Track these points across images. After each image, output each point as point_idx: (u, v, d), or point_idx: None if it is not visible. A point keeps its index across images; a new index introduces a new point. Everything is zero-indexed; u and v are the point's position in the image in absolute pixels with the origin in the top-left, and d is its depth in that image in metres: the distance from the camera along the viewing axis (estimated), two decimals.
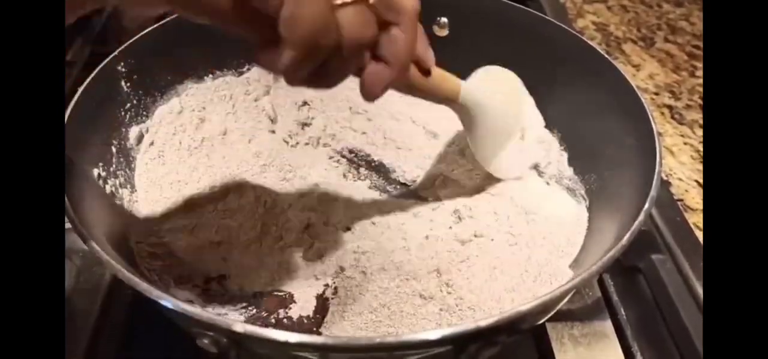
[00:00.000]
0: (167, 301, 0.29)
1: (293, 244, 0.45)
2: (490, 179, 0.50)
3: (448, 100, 0.44)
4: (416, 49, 0.35)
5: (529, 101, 0.53)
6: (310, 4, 0.27)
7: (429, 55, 0.38)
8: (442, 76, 0.42)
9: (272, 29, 0.27)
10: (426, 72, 0.39)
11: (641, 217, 0.34)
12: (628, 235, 0.33)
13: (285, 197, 0.49)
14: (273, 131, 0.55)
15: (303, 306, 0.41)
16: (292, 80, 0.30)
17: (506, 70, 0.50)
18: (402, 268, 0.42)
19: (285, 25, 0.27)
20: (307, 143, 0.55)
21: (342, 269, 0.43)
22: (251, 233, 0.46)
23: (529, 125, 0.52)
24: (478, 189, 0.50)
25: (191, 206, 0.47)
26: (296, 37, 0.27)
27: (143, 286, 0.30)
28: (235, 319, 0.39)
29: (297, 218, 0.47)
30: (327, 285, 0.43)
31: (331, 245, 0.46)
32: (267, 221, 0.47)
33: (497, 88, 0.49)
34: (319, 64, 0.29)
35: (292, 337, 0.28)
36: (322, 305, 0.41)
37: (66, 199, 0.34)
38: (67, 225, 0.34)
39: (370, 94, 0.33)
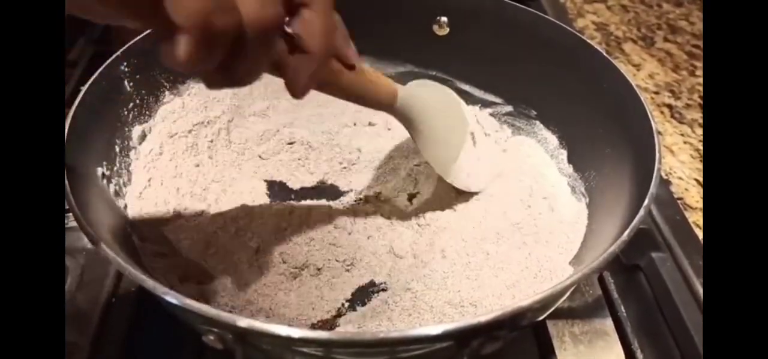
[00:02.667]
0: (173, 298, 0.29)
1: (299, 243, 0.46)
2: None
3: (385, 104, 0.42)
4: (335, 42, 0.33)
5: (467, 109, 0.52)
6: None
7: (350, 50, 0.35)
8: (376, 78, 0.40)
9: (167, 17, 0.24)
10: (351, 68, 0.36)
11: (641, 213, 0.34)
12: (627, 231, 0.33)
13: (288, 196, 0.50)
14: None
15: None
16: (204, 79, 0.27)
17: (437, 83, 0.50)
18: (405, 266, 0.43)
19: (171, 6, 0.24)
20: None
21: (350, 265, 0.44)
22: (253, 231, 0.46)
23: (477, 129, 0.51)
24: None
25: (195, 204, 0.47)
26: (186, 18, 0.24)
27: (150, 283, 0.30)
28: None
29: (305, 216, 0.47)
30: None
31: (334, 242, 0.46)
32: (270, 219, 0.47)
33: (434, 96, 0.48)
34: (226, 55, 0.26)
35: (296, 332, 0.28)
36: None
37: (71, 198, 0.35)
38: (72, 224, 0.34)
39: (295, 89, 0.30)
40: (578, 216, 0.47)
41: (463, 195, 0.50)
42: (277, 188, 0.52)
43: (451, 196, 0.50)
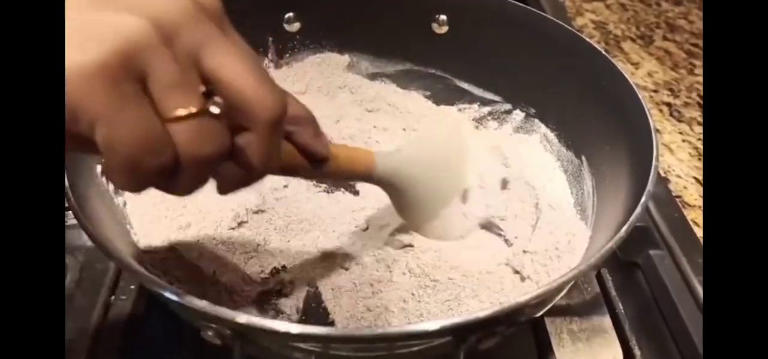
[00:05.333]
0: (172, 293, 0.29)
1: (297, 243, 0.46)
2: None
3: (362, 178, 0.41)
4: (306, 143, 0.32)
5: (479, 158, 0.49)
6: (129, 123, 0.22)
7: (318, 147, 0.34)
8: (348, 158, 0.38)
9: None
10: (321, 161, 0.35)
11: (638, 210, 0.35)
12: (625, 228, 0.34)
13: (287, 194, 0.50)
14: None
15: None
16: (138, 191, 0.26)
17: (453, 123, 0.48)
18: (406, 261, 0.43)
19: (103, 150, 0.23)
20: None
21: (344, 265, 0.44)
22: (252, 231, 0.46)
23: (474, 186, 0.48)
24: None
25: (193, 203, 0.47)
26: (115, 162, 0.23)
27: (149, 279, 0.30)
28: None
29: (303, 216, 0.48)
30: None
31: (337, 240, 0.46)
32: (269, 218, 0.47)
33: (430, 152, 0.46)
34: (163, 179, 0.25)
35: (295, 328, 0.28)
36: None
37: (71, 196, 0.35)
38: (72, 221, 0.34)
39: (222, 191, 0.29)
40: (577, 214, 0.47)
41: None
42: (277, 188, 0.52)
43: None
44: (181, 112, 0.24)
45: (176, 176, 0.25)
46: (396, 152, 0.43)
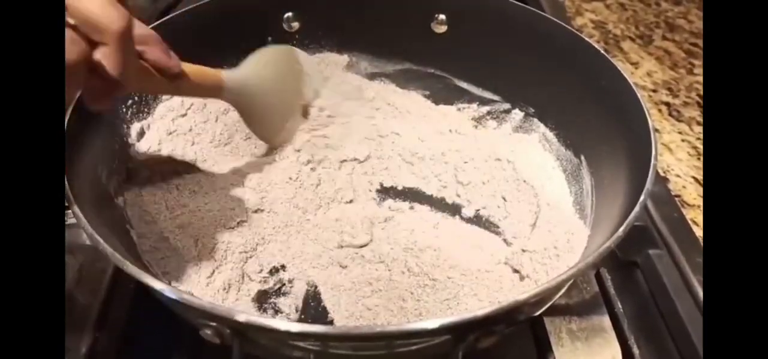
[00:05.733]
0: (171, 292, 0.29)
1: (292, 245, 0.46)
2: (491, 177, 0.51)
3: (213, 94, 0.45)
4: (157, 59, 0.37)
5: (315, 77, 0.55)
6: None
7: (171, 62, 0.39)
8: (199, 74, 0.43)
9: None
10: (174, 76, 0.39)
11: (637, 209, 0.35)
12: (623, 227, 0.34)
13: (287, 193, 0.50)
14: None
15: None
16: None
17: (281, 47, 0.53)
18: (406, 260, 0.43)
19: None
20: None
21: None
22: (251, 230, 0.46)
23: (313, 100, 0.54)
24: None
25: (194, 202, 0.48)
26: None
27: (148, 278, 0.30)
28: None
29: (303, 216, 0.48)
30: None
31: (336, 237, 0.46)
32: (268, 218, 0.47)
33: (270, 70, 0.50)
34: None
35: (294, 326, 0.28)
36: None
37: (71, 195, 0.35)
38: (71, 221, 0.34)
39: (89, 106, 0.35)
40: (576, 213, 0.47)
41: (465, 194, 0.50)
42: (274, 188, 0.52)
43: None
44: None
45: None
46: (241, 70, 0.48)
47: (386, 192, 0.53)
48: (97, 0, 0.31)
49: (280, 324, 0.28)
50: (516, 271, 0.44)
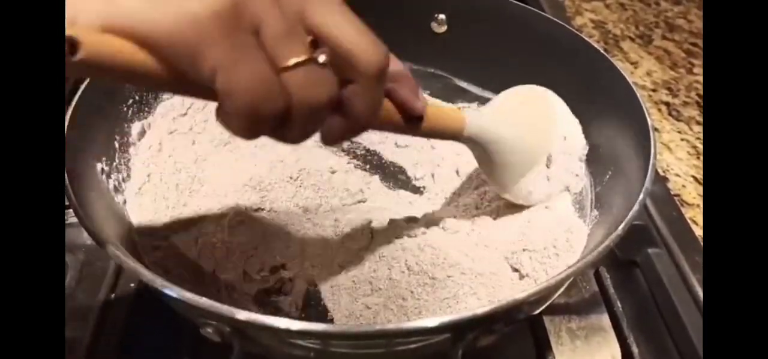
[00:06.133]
0: (172, 290, 0.29)
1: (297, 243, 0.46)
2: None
3: (451, 137, 0.42)
4: (405, 99, 0.34)
5: (564, 125, 0.49)
6: (247, 71, 0.24)
7: (416, 104, 0.35)
8: (439, 115, 0.40)
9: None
10: (417, 119, 0.36)
11: (636, 208, 0.35)
12: (622, 225, 0.34)
13: (287, 193, 0.50)
14: None
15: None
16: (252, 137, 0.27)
17: (540, 89, 0.48)
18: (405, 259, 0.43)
19: (222, 97, 0.25)
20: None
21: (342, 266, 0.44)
22: (252, 229, 0.46)
23: (557, 151, 0.48)
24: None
25: (194, 201, 0.48)
26: (234, 108, 0.25)
27: (149, 276, 0.30)
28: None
29: (303, 215, 0.48)
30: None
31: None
32: (268, 218, 0.47)
33: (518, 114, 0.46)
34: (277, 125, 0.27)
35: (294, 324, 0.28)
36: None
37: (71, 193, 0.35)
38: (72, 220, 0.35)
39: (326, 142, 0.31)
40: (575, 213, 0.47)
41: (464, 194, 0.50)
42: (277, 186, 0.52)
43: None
44: (293, 60, 0.25)
45: (288, 123, 0.27)
46: (485, 112, 0.44)
47: (386, 192, 0.53)
48: (355, 32, 0.27)
49: (281, 322, 0.28)
50: (515, 270, 0.44)
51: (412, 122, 0.36)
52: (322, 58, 0.26)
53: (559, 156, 0.48)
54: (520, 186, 0.46)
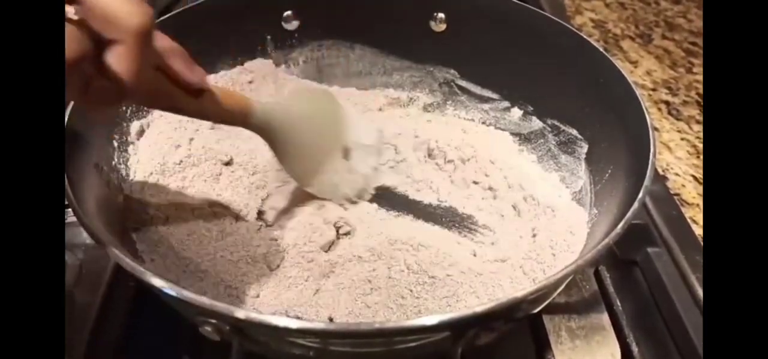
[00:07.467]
0: (171, 289, 0.29)
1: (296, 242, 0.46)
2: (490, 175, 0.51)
3: (238, 122, 0.41)
4: (179, 71, 0.33)
5: (352, 118, 0.51)
6: None
7: (194, 76, 0.34)
8: (225, 97, 0.39)
9: None
10: (196, 93, 0.35)
11: (635, 206, 0.35)
12: (621, 224, 0.34)
13: (285, 193, 0.50)
14: None
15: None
16: None
17: (323, 88, 0.50)
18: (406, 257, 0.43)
19: None
20: None
21: (335, 265, 0.44)
22: (253, 228, 0.46)
23: (352, 143, 0.50)
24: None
25: (191, 200, 0.48)
26: None
27: (147, 275, 0.30)
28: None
29: (303, 216, 0.48)
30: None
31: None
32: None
33: (306, 109, 0.47)
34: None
35: (293, 323, 0.28)
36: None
37: (70, 192, 0.35)
38: (71, 219, 0.35)
39: (90, 113, 0.30)
40: (575, 211, 0.47)
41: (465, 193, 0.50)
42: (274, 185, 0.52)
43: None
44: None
45: None
46: (274, 102, 0.44)
47: (385, 192, 0.53)
48: None
49: (280, 320, 0.28)
50: (515, 268, 0.44)
51: (194, 97, 0.35)
52: (72, 14, 0.26)
53: (356, 149, 0.49)
54: (321, 180, 0.48)
